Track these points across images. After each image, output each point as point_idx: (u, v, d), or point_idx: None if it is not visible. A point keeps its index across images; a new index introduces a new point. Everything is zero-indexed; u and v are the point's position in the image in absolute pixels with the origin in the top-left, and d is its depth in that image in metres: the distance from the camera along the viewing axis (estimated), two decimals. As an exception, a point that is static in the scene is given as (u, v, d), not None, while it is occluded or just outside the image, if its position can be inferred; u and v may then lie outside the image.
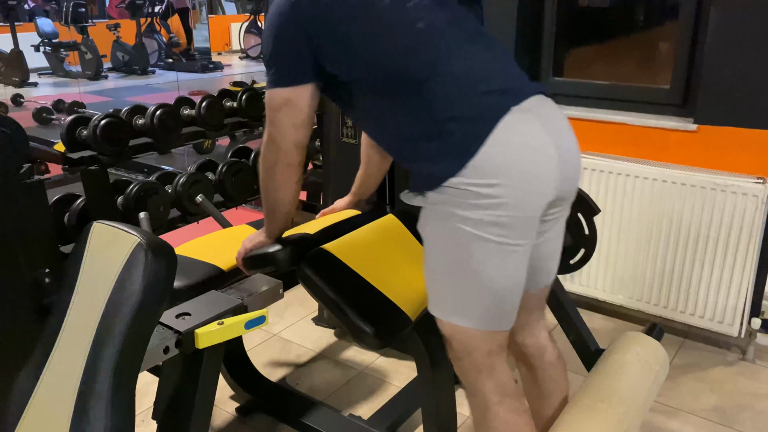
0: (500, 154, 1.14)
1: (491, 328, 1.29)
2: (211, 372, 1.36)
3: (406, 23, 1.24)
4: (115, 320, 1.08)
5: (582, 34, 2.90)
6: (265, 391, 2.21)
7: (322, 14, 1.23)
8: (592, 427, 1.28)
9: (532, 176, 1.16)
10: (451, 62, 1.21)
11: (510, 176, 1.14)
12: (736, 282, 2.35)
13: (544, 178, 1.18)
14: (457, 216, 1.18)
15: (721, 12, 2.28)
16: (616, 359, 1.50)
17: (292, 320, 2.80)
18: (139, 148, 2.16)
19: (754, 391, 2.29)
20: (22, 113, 7.07)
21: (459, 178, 1.15)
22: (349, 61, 1.25)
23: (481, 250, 1.19)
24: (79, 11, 9.60)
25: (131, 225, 1.17)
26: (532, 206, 1.18)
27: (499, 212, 1.15)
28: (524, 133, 1.17)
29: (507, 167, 1.14)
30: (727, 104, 2.33)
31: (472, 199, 1.15)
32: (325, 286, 1.52)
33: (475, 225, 1.16)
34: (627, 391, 1.38)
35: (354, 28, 1.23)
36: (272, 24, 1.26)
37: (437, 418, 1.70)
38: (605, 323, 2.73)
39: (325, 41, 1.24)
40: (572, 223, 1.81)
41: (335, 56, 1.26)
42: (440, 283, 1.30)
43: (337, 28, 1.23)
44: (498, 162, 1.14)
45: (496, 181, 1.14)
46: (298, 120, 1.30)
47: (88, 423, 1.05)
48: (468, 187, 1.15)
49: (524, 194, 1.16)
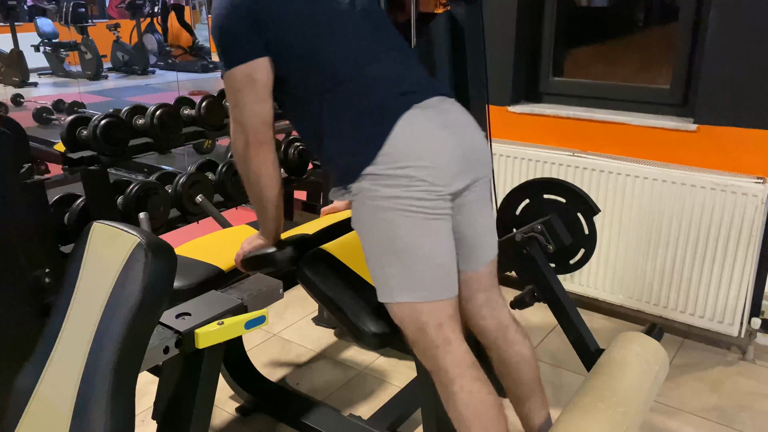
0: (403, 142, 1.33)
1: (435, 298, 1.37)
2: (211, 372, 1.36)
3: (337, 29, 1.40)
4: (115, 320, 1.08)
5: (582, 34, 2.90)
6: (265, 391, 2.21)
7: (264, 8, 1.36)
8: (592, 427, 1.28)
9: (433, 157, 1.34)
10: (370, 67, 1.40)
11: (416, 158, 1.33)
12: (736, 282, 2.35)
13: (444, 158, 1.35)
14: (379, 197, 1.33)
15: (721, 12, 2.28)
16: (616, 359, 1.50)
17: (292, 320, 2.80)
18: (139, 148, 2.16)
19: (753, 390, 2.29)
20: (22, 113, 7.07)
21: (373, 167, 1.32)
22: (286, 56, 1.37)
23: (407, 222, 1.33)
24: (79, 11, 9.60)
25: (131, 225, 1.17)
26: (440, 181, 1.34)
27: (413, 187, 1.32)
28: (423, 124, 1.36)
29: (412, 151, 1.33)
30: (727, 104, 2.33)
31: (389, 181, 1.32)
32: (324, 286, 1.52)
33: (396, 202, 1.32)
34: (627, 392, 1.38)
35: (291, 26, 1.37)
36: (218, 17, 1.37)
37: (437, 418, 1.70)
38: (605, 323, 2.73)
39: (267, 34, 1.36)
40: (572, 223, 1.81)
41: (275, 51, 1.37)
42: (380, 267, 1.39)
43: (277, 24, 1.36)
44: (403, 148, 1.33)
45: (405, 164, 1.31)
46: (259, 95, 1.38)
47: (88, 423, 1.05)
48: (383, 171, 1.32)
49: (430, 171, 1.32)
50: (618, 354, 1.52)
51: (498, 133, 2.50)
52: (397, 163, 1.32)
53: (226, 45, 1.37)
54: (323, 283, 1.52)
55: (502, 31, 2.71)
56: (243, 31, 1.35)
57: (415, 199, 1.32)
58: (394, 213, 1.33)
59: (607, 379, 1.43)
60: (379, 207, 1.34)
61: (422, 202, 1.33)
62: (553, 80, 2.85)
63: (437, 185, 1.34)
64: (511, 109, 2.83)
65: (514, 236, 1.75)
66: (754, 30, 2.23)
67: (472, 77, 2.04)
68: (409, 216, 1.33)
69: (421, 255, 1.35)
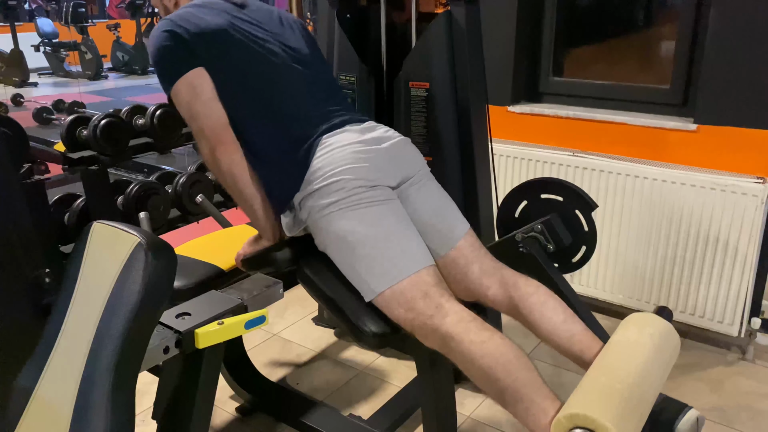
0: (326, 159, 1.46)
1: (409, 272, 1.40)
2: (211, 372, 1.36)
3: (278, 66, 1.56)
4: (115, 320, 1.08)
5: (582, 34, 2.90)
6: (265, 390, 2.22)
7: (204, 44, 1.49)
8: (610, 407, 1.24)
9: (356, 162, 1.45)
10: (304, 99, 1.57)
11: (341, 166, 1.44)
12: (736, 281, 2.35)
13: (366, 163, 1.47)
14: (323, 208, 1.43)
15: (721, 12, 2.28)
16: (630, 340, 1.45)
17: (292, 320, 2.80)
18: (139, 148, 2.16)
19: (753, 390, 2.29)
20: (22, 113, 7.07)
21: (307, 186, 1.45)
22: (232, 90, 1.50)
23: (354, 216, 1.42)
24: (79, 11, 9.60)
25: (131, 225, 1.17)
26: (371, 176, 1.45)
27: (347, 187, 1.43)
28: (341, 141, 1.49)
29: (335, 161, 1.45)
30: (727, 104, 2.33)
31: (325, 191, 1.43)
32: (324, 286, 1.52)
33: (337, 204, 1.42)
34: (642, 373, 1.35)
35: (236, 62, 1.52)
36: (156, 46, 1.49)
37: (437, 418, 1.70)
38: (605, 323, 2.70)
39: (210, 68, 1.49)
40: (571, 221, 1.81)
41: (220, 86, 1.49)
42: (352, 269, 1.44)
43: (221, 60, 1.50)
44: (328, 161, 1.45)
45: (332, 172, 1.43)
46: (206, 99, 1.47)
47: (89, 422, 1.05)
48: (317, 185, 1.44)
49: (357, 171, 1.44)
50: (632, 334, 1.48)
51: (498, 133, 2.50)
52: (325, 175, 1.43)
53: (164, 66, 1.50)
54: (323, 283, 1.52)
55: (502, 31, 2.71)
56: (179, 52, 1.48)
57: (353, 195, 1.42)
58: (340, 214, 1.42)
59: (622, 359, 1.40)
60: (327, 217, 1.43)
61: (360, 195, 1.42)
62: (553, 80, 2.85)
63: (369, 179, 1.44)
64: (511, 109, 2.83)
65: (514, 236, 1.75)
66: (754, 30, 2.23)
67: (471, 77, 2.04)
68: (354, 210, 1.42)
69: (377, 239, 1.41)
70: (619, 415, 1.17)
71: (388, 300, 1.41)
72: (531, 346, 2.56)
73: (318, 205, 1.44)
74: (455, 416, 1.80)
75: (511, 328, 2.72)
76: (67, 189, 2.11)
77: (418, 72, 2.05)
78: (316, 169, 1.45)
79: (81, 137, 2.01)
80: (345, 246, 1.44)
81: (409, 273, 1.40)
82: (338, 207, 1.43)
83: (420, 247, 1.46)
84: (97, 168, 1.98)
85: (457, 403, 1.86)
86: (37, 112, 6.69)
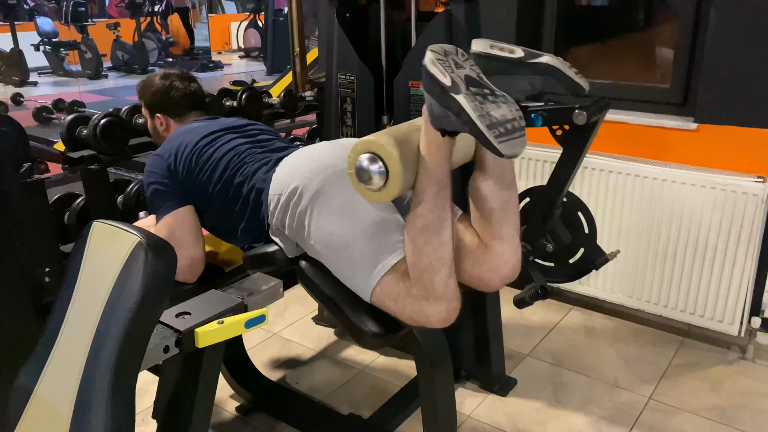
0: (281, 176, 1.54)
1: (394, 261, 1.38)
2: (211, 371, 1.37)
3: (234, 159, 1.67)
4: (115, 319, 1.08)
5: (582, 34, 2.90)
6: (265, 390, 2.22)
7: (183, 166, 1.68)
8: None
9: (304, 172, 1.51)
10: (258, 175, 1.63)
11: (292, 178, 1.51)
12: (736, 281, 2.35)
13: (312, 171, 1.51)
14: (296, 217, 1.47)
15: (721, 12, 2.28)
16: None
17: (292, 319, 2.80)
18: (139, 148, 2.15)
19: (754, 390, 2.29)
20: (22, 112, 7.08)
21: (273, 208, 1.53)
22: (211, 189, 1.65)
23: (328, 221, 1.44)
24: (79, 10, 9.61)
25: (131, 224, 1.17)
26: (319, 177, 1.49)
27: (308, 191, 1.46)
28: (287, 162, 1.59)
29: (289, 174, 1.53)
30: (727, 103, 2.33)
31: (291, 202, 1.48)
32: (324, 286, 1.52)
33: (309, 209, 1.45)
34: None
35: (207, 171, 1.66)
36: (149, 176, 1.71)
37: (437, 417, 1.70)
38: (605, 322, 2.73)
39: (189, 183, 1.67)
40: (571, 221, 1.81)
41: (197, 192, 1.66)
42: (344, 272, 1.44)
43: (197, 176, 1.67)
44: (282, 179, 1.53)
45: (289, 185, 1.50)
46: (194, 234, 1.66)
47: (89, 422, 1.05)
48: (283, 202, 1.50)
49: (308, 175, 1.49)
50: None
51: (498, 132, 2.50)
52: (285, 189, 1.49)
53: (156, 200, 1.68)
54: (323, 282, 1.52)
55: (502, 31, 2.71)
56: (170, 186, 1.66)
57: (318, 197, 1.44)
58: (315, 222, 1.44)
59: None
60: (308, 226, 1.45)
61: (324, 195, 1.45)
62: (553, 79, 2.85)
63: (318, 177, 1.48)
64: (511, 108, 2.82)
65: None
66: (754, 29, 2.23)
67: (472, 76, 2.03)
68: (323, 210, 1.44)
69: (356, 236, 1.41)
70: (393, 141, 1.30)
71: (383, 288, 1.38)
72: (531, 346, 2.56)
73: (291, 218, 1.48)
74: (455, 416, 1.80)
75: (511, 328, 2.73)
76: (67, 188, 2.10)
77: (418, 71, 2.04)
78: (274, 188, 1.53)
79: (81, 136, 2.00)
80: (332, 253, 1.45)
81: (394, 262, 1.37)
82: (314, 211, 1.45)
83: (398, 232, 1.42)
84: (97, 167, 1.98)
85: (457, 403, 1.86)
86: (37, 111, 6.69)
